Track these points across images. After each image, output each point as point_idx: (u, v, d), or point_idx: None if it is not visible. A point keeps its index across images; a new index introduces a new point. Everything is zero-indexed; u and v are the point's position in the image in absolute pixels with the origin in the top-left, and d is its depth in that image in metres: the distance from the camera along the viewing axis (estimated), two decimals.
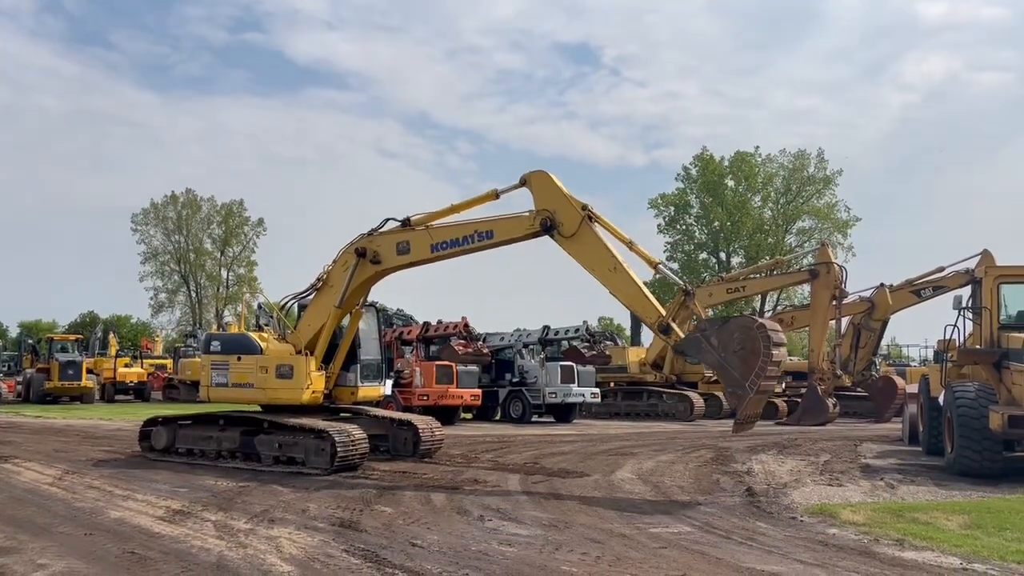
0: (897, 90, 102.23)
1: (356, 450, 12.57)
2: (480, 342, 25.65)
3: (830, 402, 26.18)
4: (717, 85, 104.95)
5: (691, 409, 27.87)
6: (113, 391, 38.45)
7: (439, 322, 25.90)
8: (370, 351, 14.68)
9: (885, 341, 37.45)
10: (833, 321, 27.19)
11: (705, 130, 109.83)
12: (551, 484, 11.80)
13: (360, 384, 14.22)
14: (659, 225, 61.59)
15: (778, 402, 29.13)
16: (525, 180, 12.26)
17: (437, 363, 23.68)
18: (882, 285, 28.37)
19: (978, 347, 13.92)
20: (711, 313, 51.88)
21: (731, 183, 59.96)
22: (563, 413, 26.64)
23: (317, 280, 13.83)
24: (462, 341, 24.44)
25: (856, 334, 28.89)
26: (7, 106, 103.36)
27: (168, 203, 73.26)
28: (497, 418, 26.61)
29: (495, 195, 12.79)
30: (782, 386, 30.69)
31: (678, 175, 62.30)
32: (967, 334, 14.47)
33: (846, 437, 20.11)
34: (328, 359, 13.89)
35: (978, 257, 23.56)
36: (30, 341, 44.31)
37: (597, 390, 27.52)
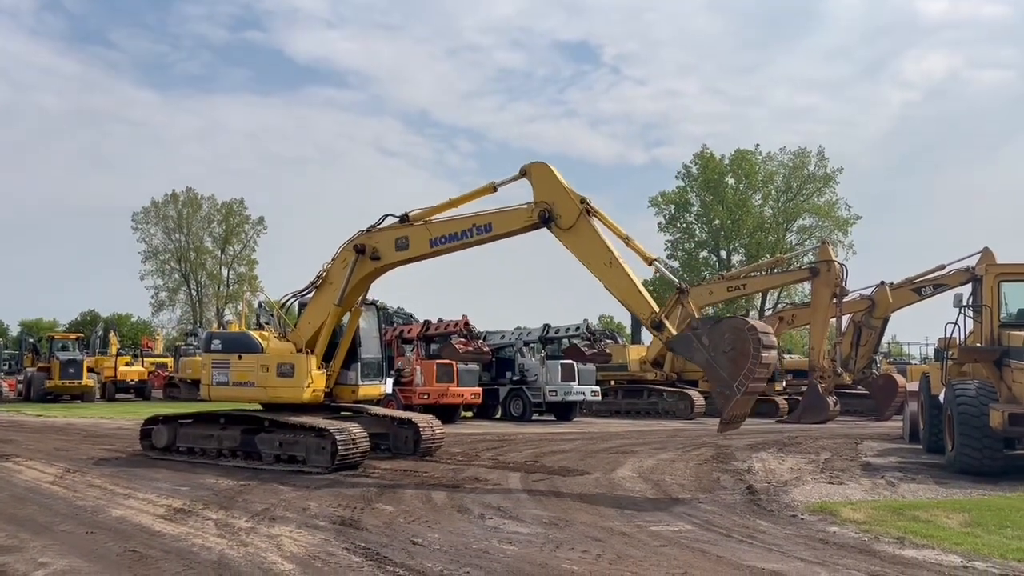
0: (897, 88, 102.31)
1: (357, 448, 12.58)
2: (481, 340, 25.66)
3: (831, 400, 26.19)
4: (717, 83, 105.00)
5: (691, 407, 27.89)
6: (114, 390, 38.49)
7: (440, 320, 25.91)
8: (371, 349, 14.69)
9: (886, 339, 37.48)
10: (834, 319, 27.18)
11: (705, 128, 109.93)
12: (552, 482, 11.81)
13: (361, 383, 14.23)
14: (659, 223, 61.57)
15: (779, 400, 29.17)
16: (525, 171, 12.26)
17: (438, 361, 23.69)
18: (883, 283, 28.38)
19: (979, 345, 13.92)
20: (712, 311, 51.96)
21: (731, 181, 59.85)
22: (564, 411, 26.65)
23: (317, 278, 13.83)
24: (463, 339, 24.45)
25: (857, 332, 28.89)
26: (7, 105, 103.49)
27: (168, 202, 73.21)
28: (498, 416, 26.63)
29: (493, 188, 12.78)
30: (783, 384, 30.76)
31: (678, 173, 62.28)
32: (967, 332, 14.48)
33: (847, 435, 20.12)
34: (328, 357, 13.90)
35: (978, 255, 23.62)
36: (31, 340, 44.35)
37: (597, 388, 27.53)
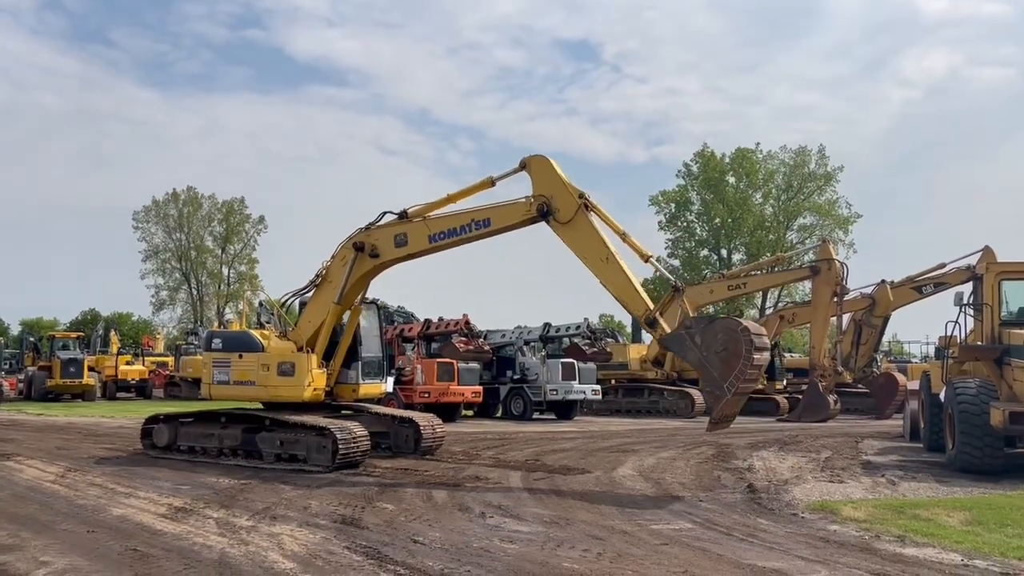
0: (898, 86, 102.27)
1: (357, 447, 12.58)
2: (481, 339, 25.65)
3: (831, 399, 26.19)
4: (717, 81, 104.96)
5: (692, 406, 27.89)
6: (115, 389, 38.53)
7: (440, 319, 25.90)
8: (371, 348, 14.69)
9: (886, 338, 37.46)
10: (834, 318, 27.17)
11: (706, 127, 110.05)
12: (552, 481, 11.81)
13: (361, 381, 14.23)
14: (660, 222, 61.49)
15: (779, 399, 29.18)
16: (524, 164, 12.24)
17: (438, 360, 23.70)
18: (883, 282, 28.36)
19: (979, 343, 13.91)
20: (712, 310, 51.92)
21: (732, 180, 59.77)
22: (564, 410, 26.66)
23: (316, 276, 13.83)
24: (463, 338, 24.44)
25: (857, 331, 28.88)
26: (8, 104, 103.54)
27: (169, 201, 73.19)
28: (498, 415, 26.64)
29: (491, 183, 12.77)
30: (783, 383, 30.78)
31: (679, 172, 62.20)
32: (968, 330, 14.47)
33: (847, 434, 20.12)
34: (329, 356, 13.90)
35: (979, 253, 23.55)
36: (32, 339, 44.34)
37: (598, 387, 27.54)
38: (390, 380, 16.34)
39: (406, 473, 12.38)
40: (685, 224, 61.34)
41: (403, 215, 13.18)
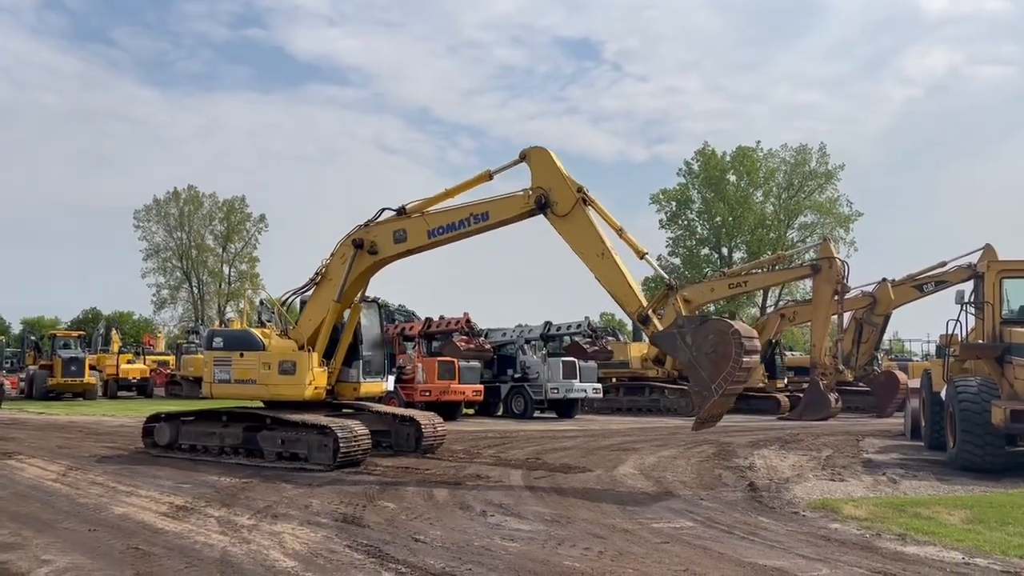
0: (899, 84, 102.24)
1: (358, 446, 12.59)
2: (482, 338, 25.64)
3: (832, 397, 26.18)
4: (718, 80, 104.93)
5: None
6: (116, 387, 38.55)
7: (441, 318, 25.90)
8: (372, 347, 14.70)
9: (887, 336, 37.40)
10: (835, 316, 27.16)
11: (706, 125, 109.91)
12: (553, 479, 11.82)
13: (362, 380, 14.24)
14: (661, 220, 61.42)
15: (780, 397, 29.17)
16: (524, 155, 12.21)
17: (439, 359, 23.71)
18: (884, 280, 28.37)
19: (980, 342, 13.91)
20: (713, 309, 51.88)
21: (733, 178, 59.71)
22: (565, 409, 26.67)
23: (316, 274, 13.83)
24: (464, 337, 24.44)
25: (858, 329, 28.88)
26: (9, 104, 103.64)
27: (170, 199, 73.20)
28: (499, 414, 26.65)
29: (488, 176, 12.77)
30: (784, 381, 30.78)
31: (680, 170, 62.15)
32: (969, 329, 14.46)
33: (848, 432, 20.11)
34: (330, 355, 13.90)
35: (980, 252, 23.57)
36: (33, 338, 44.33)
37: (599, 385, 27.55)
38: (391, 379, 16.34)
39: (407, 472, 12.39)
40: (686, 222, 61.30)
41: (401, 211, 13.17)
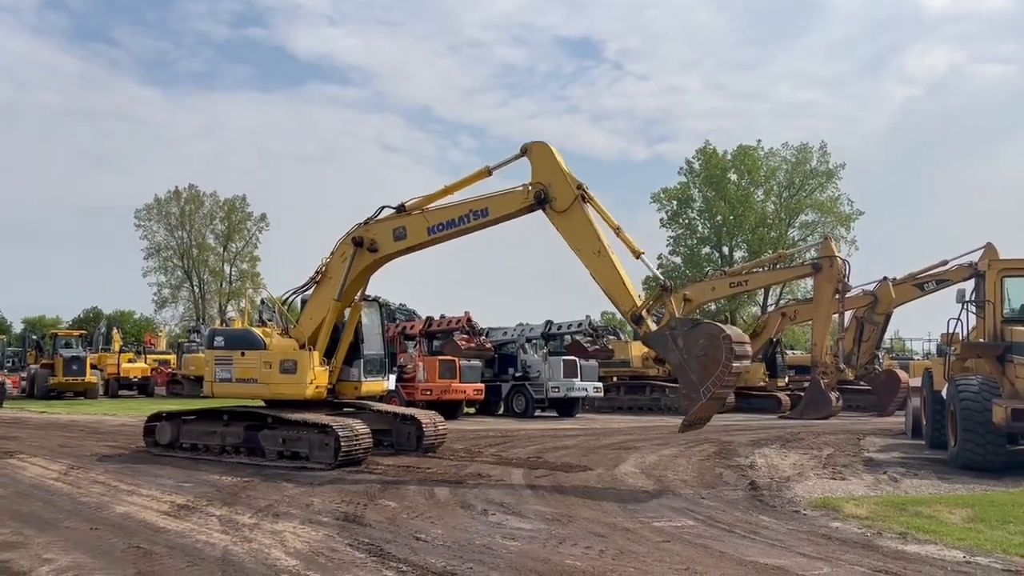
0: (899, 83, 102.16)
1: (360, 445, 12.60)
2: (483, 337, 25.67)
3: (833, 396, 26.17)
4: (719, 79, 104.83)
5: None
6: (117, 387, 38.56)
7: (442, 317, 25.94)
8: (373, 346, 14.70)
9: (888, 335, 37.38)
10: (836, 315, 27.15)
11: (707, 124, 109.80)
12: (554, 478, 11.82)
13: (363, 379, 14.24)
14: (661, 219, 61.34)
15: (781, 396, 29.17)
16: (525, 149, 12.17)
17: (440, 358, 23.72)
18: (885, 279, 28.35)
19: (981, 340, 13.90)
20: (714, 307, 51.69)
21: (734, 177, 59.63)
22: (566, 407, 26.67)
23: (316, 273, 13.83)
24: (465, 336, 24.47)
25: (859, 328, 28.87)
26: (9, 103, 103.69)
27: (171, 199, 73.26)
28: (500, 413, 26.65)
29: (487, 172, 12.76)
30: (785, 380, 30.77)
31: (681, 169, 62.01)
32: (970, 327, 14.45)
33: (849, 431, 20.11)
34: (331, 354, 13.90)
35: (981, 250, 23.57)
36: (34, 337, 44.36)
37: (600, 384, 27.55)
38: (392, 377, 16.34)
39: (408, 470, 12.40)
40: (687, 221, 61.24)
41: (401, 209, 13.17)
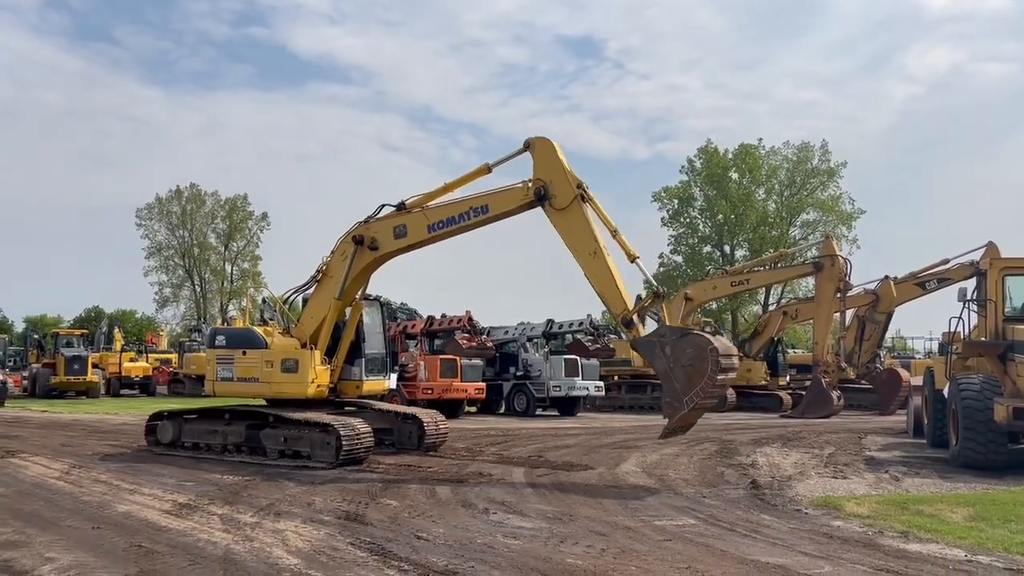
0: (901, 82, 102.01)
1: (361, 444, 12.60)
2: (484, 336, 25.68)
3: (834, 395, 26.18)
4: (720, 78, 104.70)
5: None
6: (118, 386, 38.55)
7: (443, 316, 25.94)
8: (374, 345, 14.70)
9: (890, 333, 37.37)
10: (837, 314, 27.16)
11: (709, 123, 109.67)
12: (556, 477, 11.83)
13: (365, 378, 14.24)
14: (663, 218, 61.31)
15: (783, 395, 29.16)
16: (529, 144, 12.13)
17: (441, 357, 23.72)
18: (886, 277, 28.34)
19: (983, 339, 13.90)
20: (715, 306, 51.59)
21: (735, 176, 59.60)
22: (567, 406, 26.66)
23: (317, 272, 13.83)
24: (466, 335, 24.47)
25: (861, 327, 28.86)
26: (11, 102, 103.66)
27: (172, 198, 73.23)
28: (501, 412, 26.66)
29: (487, 169, 12.75)
30: (787, 379, 30.75)
31: (682, 168, 61.94)
32: (972, 326, 14.45)
33: (850, 430, 20.11)
34: (332, 353, 13.91)
35: (983, 249, 23.55)
36: (36, 336, 44.34)
37: (601, 383, 27.55)
38: (393, 377, 16.34)
39: (409, 469, 12.40)
40: (688, 220, 61.20)
41: (401, 207, 13.17)
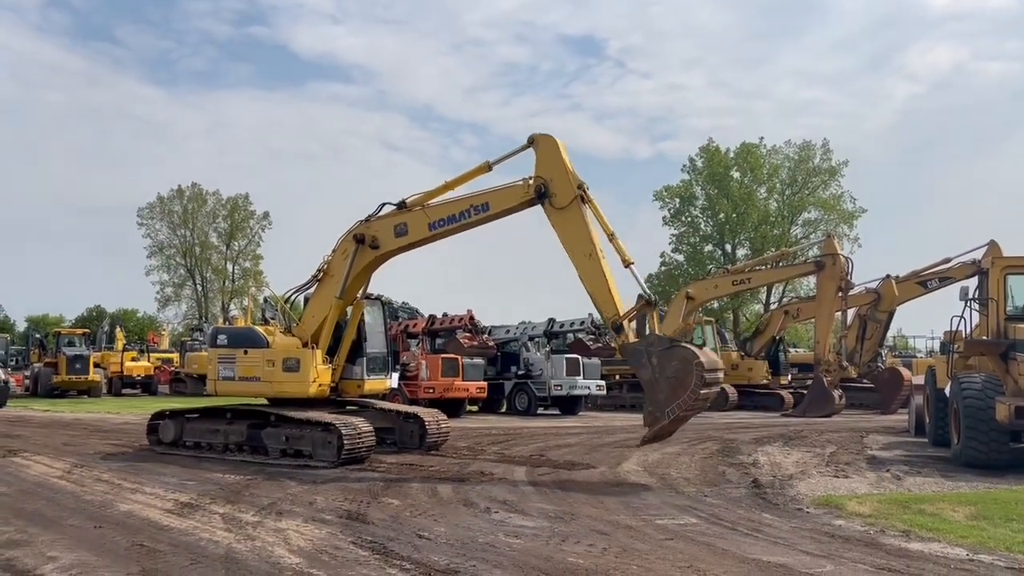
0: (902, 81, 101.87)
1: (363, 443, 12.61)
2: (485, 335, 25.70)
3: (836, 394, 26.16)
4: (722, 77, 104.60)
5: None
6: (120, 385, 38.58)
7: (444, 315, 25.93)
8: (376, 344, 14.70)
9: (891, 332, 37.47)
10: (839, 313, 27.14)
11: (710, 122, 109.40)
12: (557, 476, 11.83)
13: (366, 377, 14.24)
14: (664, 217, 61.29)
15: (784, 394, 29.15)
16: (533, 140, 12.11)
17: (443, 356, 23.73)
18: (888, 276, 28.32)
19: (985, 338, 13.88)
20: (716, 305, 51.51)
21: (737, 175, 59.55)
22: (569, 405, 26.67)
23: (318, 271, 13.84)
24: (467, 334, 24.48)
25: (862, 325, 28.85)
26: (13, 102, 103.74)
27: (174, 197, 73.29)
28: (503, 411, 26.68)
29: (488, 167, 12.74)
30: (788, 378, 30.74)
31: (684, 167, 61.94)
32: (973, 325, 14.44)
33: (852, 429, 20.10)
34: (334, 352, 13.91)
35: (984, 248, 23.55)
36: (37, 335, 44.35)
37: (602, 382, 27.54)
38: (395, 376, 16.35)
39: (411, 468, 12.41)
40: (689, 219, 61.18)
41: (402, 205, 13.18)
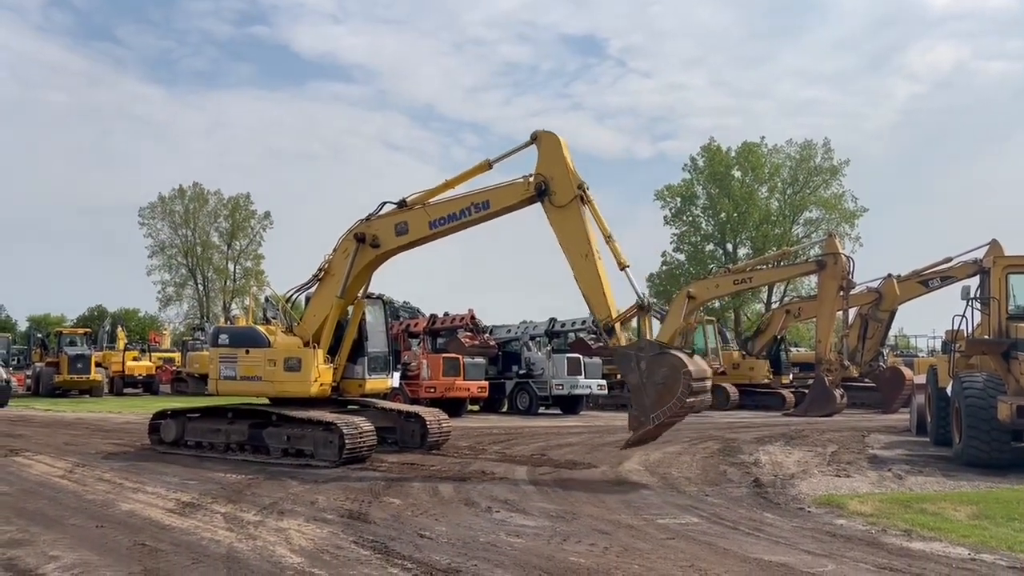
0: (904, 80, 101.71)
1: (364, 442, 12.62)
2: (487, 334, 25.72)
3: (837, 393, 26.15)
4: (723, 76, 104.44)
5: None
6: (122, 384, 38.61)
7: (446, 315, 25.95)
8: (377, 344, 14.70)
9: (893, 332, 37.33)
10: (840, 312, 27.12)
11: (711, 121, 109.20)
12: (558, 475, 11.84)
13: (368, 377, 14.25)
14: (665, 216, 61.25)
15: (785, 393, 29.14)
16: (536, 137, 12.11)
17: (444, 355, 23.75)
18: (889, 276, 28.32)
19: (986, 337, 13.88)
20: (718, 305, 51.44)
21: (738, 174, 59.51)
22: (570, 405, 26.68)
23: (319, 270, 13.84)
24: (469, 333, 24.51)
25: (863, 325, 28.84)
26: (14, 101, 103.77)
27: (175, 197, 73.35)
28: (504, 410, 26.68)
29: (488, 165, 12.74)
30: (790, 377, 30.73)
31: (684, 166, 61.91)
32: (975, 324, 14.43)
33: (853, 428, 20.09)
34: (335, 351, 13.92)
35: (986, 247, 23.54)
36: (39, 335, 44.42)
37: (604, 382, 27.54)
38: (396, 375, 16.35)
39: (412, 468, 12.41)
40: (691, 218, 61.16)
41: (402, 204, 13.19)
